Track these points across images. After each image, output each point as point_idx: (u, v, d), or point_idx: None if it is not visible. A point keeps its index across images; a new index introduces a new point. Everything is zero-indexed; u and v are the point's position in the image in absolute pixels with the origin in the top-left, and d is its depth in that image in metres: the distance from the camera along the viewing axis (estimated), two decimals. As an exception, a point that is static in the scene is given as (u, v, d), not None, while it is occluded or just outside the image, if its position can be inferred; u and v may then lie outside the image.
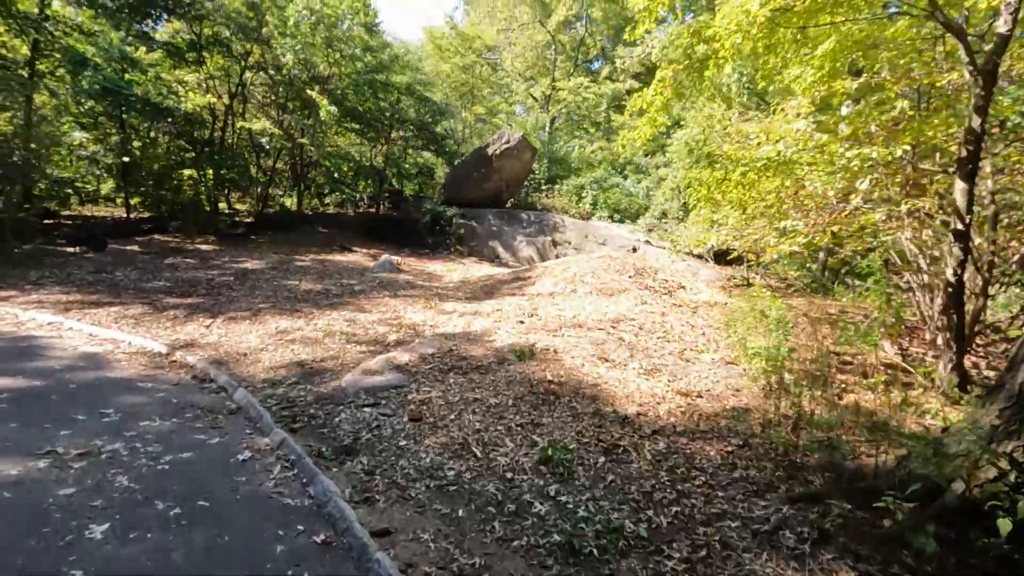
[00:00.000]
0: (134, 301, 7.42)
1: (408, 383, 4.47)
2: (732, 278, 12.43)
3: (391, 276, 11.02)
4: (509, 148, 16.37)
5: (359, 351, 5.54)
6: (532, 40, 29.08)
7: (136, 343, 5.68)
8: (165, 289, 8.34)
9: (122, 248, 11.92)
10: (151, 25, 15.61)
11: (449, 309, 7.51)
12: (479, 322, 6.62)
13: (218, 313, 6.96)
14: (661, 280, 9.48)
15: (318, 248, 14.44)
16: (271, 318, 6.75)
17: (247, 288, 8.78)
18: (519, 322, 6.50)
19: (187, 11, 13.79)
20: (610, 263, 9.84)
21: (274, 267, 10.99)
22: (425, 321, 6.79)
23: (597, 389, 4.31)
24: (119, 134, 15.02)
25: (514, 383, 4.41)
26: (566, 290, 8.45)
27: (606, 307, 7.33)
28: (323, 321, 6.64)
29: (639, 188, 19.44)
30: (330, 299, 8.26)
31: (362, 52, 16.30)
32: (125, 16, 14.31)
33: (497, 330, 6.09)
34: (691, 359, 5.33)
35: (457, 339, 5.77)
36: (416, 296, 8.64)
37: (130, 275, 9.25)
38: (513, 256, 15.02)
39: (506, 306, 7.57)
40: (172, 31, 16.09)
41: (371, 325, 6.55)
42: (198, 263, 10.93)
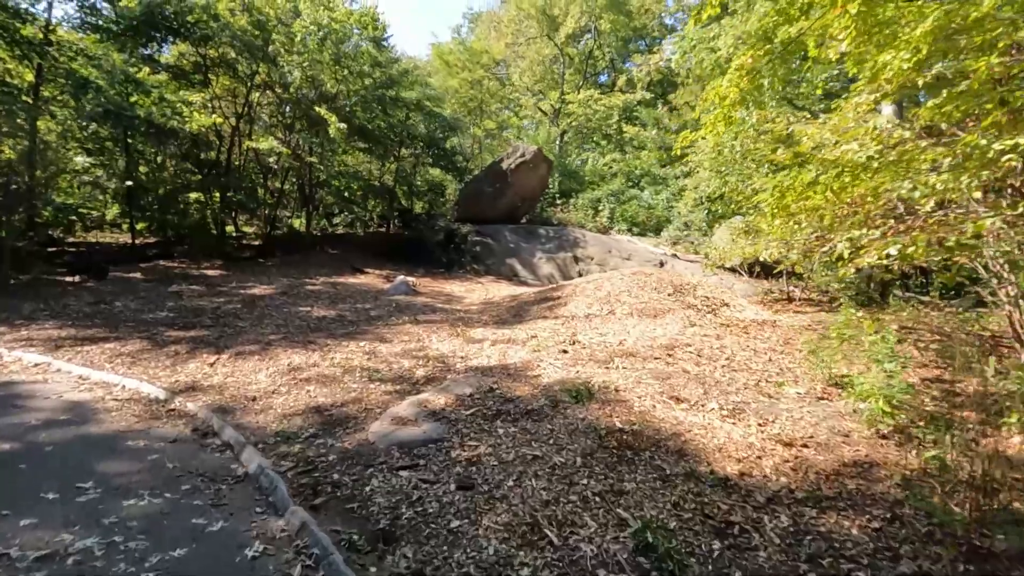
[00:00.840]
0: (132, 335, 6.75)
1: (449, 435, 3.72)
2: (769, 292, 11.67)
3: (408, 299, 10.32)
4: (524, 162, 15.77)
5: (384, 392, 4.80)
6: (539, 54, 28.76)
7: (130, 387, 4.97)
8: (167, 320, 7.68)
9: (125, 276, 11.32)
10: (156, 48, 15.28)
11: (478, 337, 6.78)
12: (516, 352, 5.88)
13: (224, 347, 6.26)
14: (702, 297, 8.73)
15: (329, 270, 13.80)
16: (282, 352, 6.04)
17: (255, 317, 8.10)
18: (561, 352, 5.75)
19: (192, 32, 13.38)
20: (645, 280, 9.11)
21: (284, 292, 10.34)
22: (454, 352, 6.05)
23: (680, 440, 3.55)
24: (123, 158, 14.57)
25: (578, 433, 3.65)
26: (603, 311, 7.71)
27: (653, 331, 6.58)
28: (340, 355, 5.93)
29: (658, 200, 18.76)
30: (346, 327, 7.55)
31: (371, 67, 15.83)
32: (130, 40, 13.95)
33: (539, 363, 5.35)
34: (773, 394, 4.56)
35: (495, 375, 5.02)
36: (438, 322, 7.92)
37: (130, 305, 8.61)
38: (532, 274, 14.32)
39: (541, 332, 6.83)
40: (177, 53, 15.75)
41: (394, 358, 5.82)
42: (204, 290, 10.29)
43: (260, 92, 16.25)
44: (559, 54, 28.04)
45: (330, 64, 15.33)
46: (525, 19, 28.02)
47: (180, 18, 13.57)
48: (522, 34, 28.33)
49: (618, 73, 29.77)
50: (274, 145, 13.06)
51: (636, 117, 25.44)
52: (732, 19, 12.88)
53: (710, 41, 13.71)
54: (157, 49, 15.52)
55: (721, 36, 13.14)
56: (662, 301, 8.07)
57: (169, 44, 15.71)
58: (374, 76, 15.68)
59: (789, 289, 11.30)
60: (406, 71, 16.58)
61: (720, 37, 13.27)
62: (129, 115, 12.39)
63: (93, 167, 16.01)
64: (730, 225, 12.74)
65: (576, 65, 28.75)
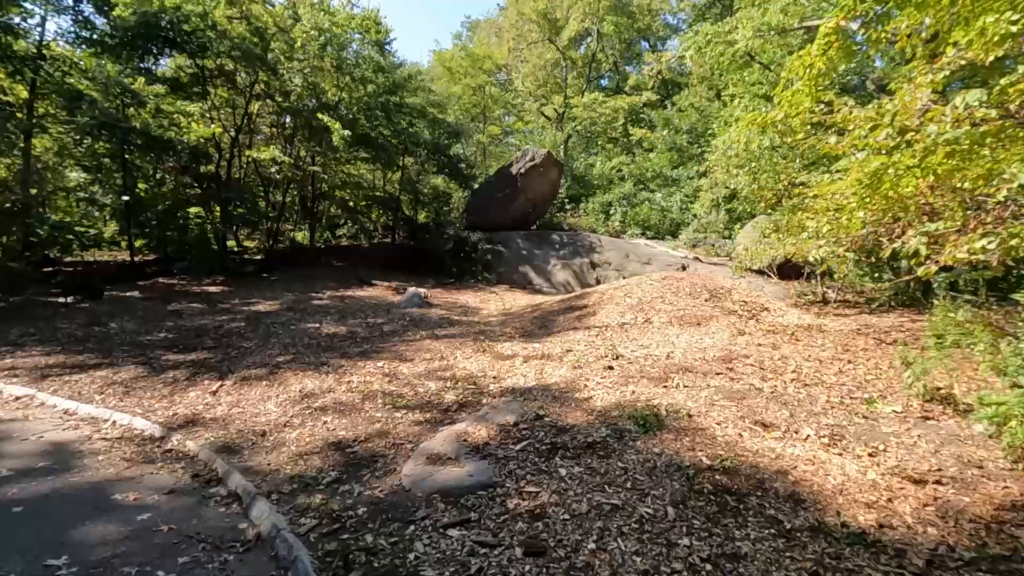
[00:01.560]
0: (127, 360, 6.13)
1: (500, 478, 3.09)
2: (802, 294, 11.04)
3: (422, 312, 9.71)
4: (534, 166, 15.21)
5: (412, 421, 4.17)
6: (541, 59, 28.32)
7: (122, 422, 4.35)
8: (165, 342, 7.06)
9: (122, 295, 10.73)
10: (153, 61, 14.82)
11: (507, 352, 6.15)
12: (554, 370, 5.25)
13: (228, 372, 5.64)
14: (739, 302, 8.12)
15: (335, 283, 13.20)
16: (292, 376, 5.42)
17: (261, 336, 7.49)
18: (607, 368, 5.12)
19: (189, 41, 12.88)
20: (677, 285, 8.50)
21: (290, 308, 9.73)
22: (484, 371, 5.42)
23: (788, 480, 2.92)
24: (121, 173, 14.05)
25: (659, 473, 3.02)
26: (638, 320, 7.08)
27: (700, 341, 5.95)
28: (357, 377, 5.30)
29: (672, 202, 18.17)
30: (359, 345, 6.93)
31: (373, 73, 15.32)
32: (125, 52, 13.48)
33: (585, 382, 4.72)
34: (867, 414, 3.92)
35: (538, 397, 4.39)
36: (459, 336, 7.30)
37: (126, 326, 8.00)
38: (547, 281, 13.71)
39: (576, 345, 6.20)
40: (175, 66, 15.26)
41: (418, 380, 5.20)
42: (205, 307, 9.69)
43: (260, 102, 15.76)
44: (561, 58, 27.61)
45: (331, 71, 14.85)
46: (526, 23, 27.62)
47: (176, 28, 13.07)
48: (523, 39, 27.91)
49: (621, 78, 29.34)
50: (276, 154, 12.53)
51: (642, 119, 24.94)
52: (749, 11, 12.34)
53: (727, 35, 13.17)
54: (154, 62, 15.06)
55: (739, 29, 12.59)
56: (700, 307, 7.45)
57: (166, 56, 15.22)
58: (377, 82, 15.18)
59: (824, 291, 10.67)
60: (410, 76, 16.07)
61: (737, 30, 12.73)
62: (125, 127, 11.88)
63: (89, 183, 15.52)
64: (756, 225, 12.14)
65: (579, 69, 28.31)
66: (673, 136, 20.18)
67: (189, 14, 12.84)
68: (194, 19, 13.01)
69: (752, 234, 12.58)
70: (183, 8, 12.82)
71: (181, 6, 12.90)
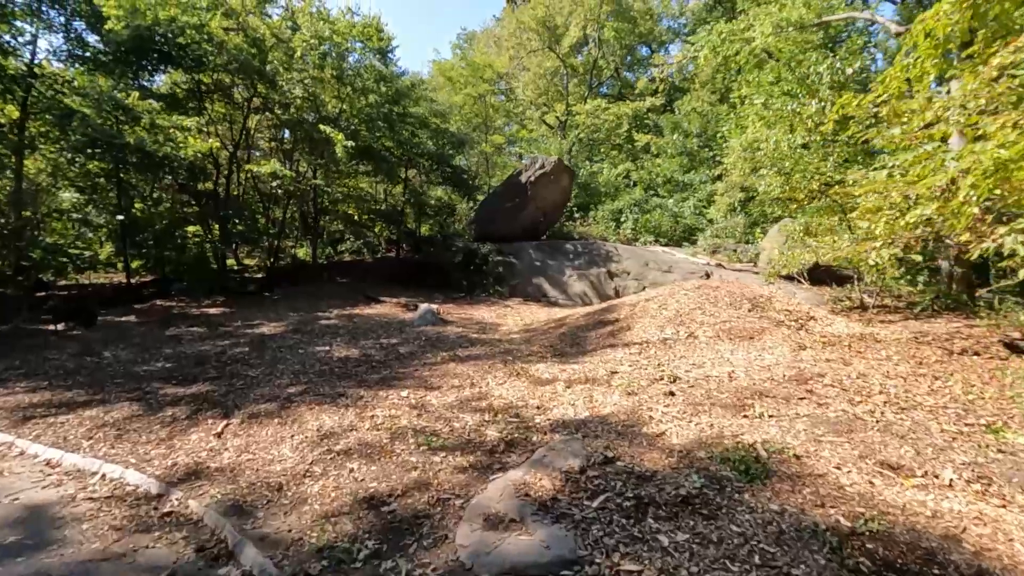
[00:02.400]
0: (120, 396, 5.50)
1: (585, 549, 2.46)
2: (838, 300, 10.45)
3: (438, 330, 9.09)
4: (544, 174, 14.69)
5: (455, 467, 3.54)
6: (541, 67, 27.98)
7: (113, 476, 3.72)
8: (163, 373, 6.43)
9: (117, 320, 10.11)
10: (148, 78, 14.34)
11: (544, 375, 5.52)
12: (604, 396, 4.63)
13: (234, 407, 5.00)
14: (783, 311, 7.52)
15: (341, 301, 12.59)
16: (307, 410, 4.79)
17: (268, 362, 6.86)
18: (667, 394, 4.50)
19: (184, 55, 12.39)
20: (712, 294, 7.90)
21: (296, 329, 9.11)
22: (524, 400, 4.80)
23: (963, 547, 2.30)
24: (115, 191, 13.47)
25: (790, 542, 2.39)
26: (680, 335, 6.47)
27: (760, 358, 5.34)
28: (381, 411, 4.67)
29: (684, 207, 17.63)
30: (377, 370, 6.30)
31: (375, 83, 14.83)
32: (119, 68, 13.00)
33: (647, 412, 4.10)
34: (1001, 447, 3.30)
35: (599, 433, 3.77)
36: (485, 357, 6.68)
37: (121, 355, 7.37)
38: (563, 293, 13.11)
39: (619, 365, 5.59)
40: (170, 82, 14.76)
41: (452, 413, 4.57)
42: (206, 331, 9.07)
43: (259, 115, 15.27)
44: (562, 66, 27.25)
45: (332, 82, 14.35)
46: (525, 32, 27.31)
47: (171, 41, 12.59)
48: (523, 47, 27.58)
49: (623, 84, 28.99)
50: (277, 168, 11.96)
51: (646, 125, 24.52)
52: (767, 7, 11.89)
53: (742, 32, 12.71)
54: (149, 78, 14.57)
55: (755, 26, 12.13)
56: (745, 319, 6.84)
57: (161, 72, 14.73)
58: (379, 91, 14.68)
59: (861, 296, 10.09)
60: (412, 85, 15.57)
61: (753, 27, 12.27)
62: (119, 143, 11.31)
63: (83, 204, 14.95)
64: (783, 228, 11.57)
65: (580, 76, 27.95)
66: (683, 140, 19.70)
67: (184, 26, 12.37)
68: (189, 31, 12.54)
69: (778, 238, 12.02)
70: (178, 20, 12.35)
71: (176, 18, 12.43)
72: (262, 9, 14.16)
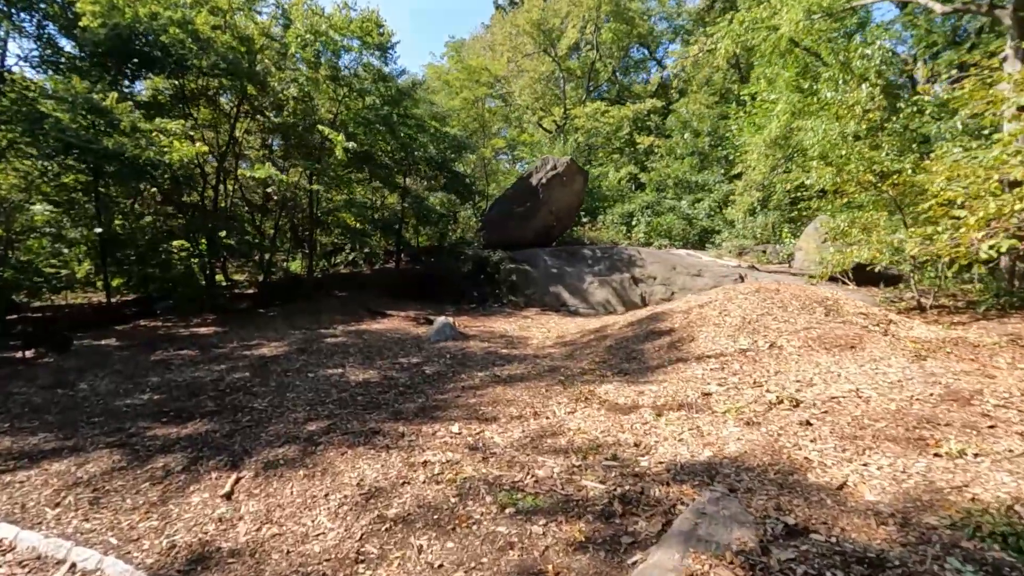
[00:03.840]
0: (99, 442, 4.44)
1: None
2: (891, 300, 9.66)
3: (459, 345, 8.11)
4: (556, 175, 13.83)
5: (567, 541, 2.57)
6: (537, 71, 27.27)
7: (87, 566, 2.69)
8: (151, 408, 5.36)
9: (96, 343, 8.98)
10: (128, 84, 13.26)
11: (620, 400, 4.57)
12: (715, 427, 3.69)
13: (243, 454, 3.98)
14: (859, 315, 6.66)
15: (343, 316, 11.55)
16: (338, 455, 3.78)
17: (275, 390, 5.83)
18: (802, 424, 3.57)
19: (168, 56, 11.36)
20: (776, 297, 7.03)
21: (300, 349, 8.07)
22: (611, 434, 3.84)
23: None
24: (93, 203, 12.32)
25: None
26: (760, 345, 5.57)
27: (878, 371, 4.44)
28: (433, 453, 3.68)
29: (699, 209, 16.86)
30: (408, 396, 5.31)
31: (373, 83, 13.90)
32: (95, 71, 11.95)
33: (795, 450, 3.17)
34: None
35: (748, 483, 2.83)
36: (532, 377, 5.71)
37: (100, 387, 6.28)
38: (583, 302, 12.19)
39: (704, 384, 4.66)
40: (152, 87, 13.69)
41: (525, 454, 3.60)
42: (197, 354, 7.99)
43: (248, 120, 14.24)
44: (558, 69, 26.57)
45: (327, 83, 13.38)
46: (519, 35, 26.61)
47: (152, 41, 11.56)
48: (519, 51, 26.86)
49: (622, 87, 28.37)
50: (272, 173, 10.94)
51: (648, 127, 23.87)
52: (798, -9, 11.17)
53: (765, 21, 12.01)
54: (129, 85, 13.50)
55: (782, 12, 11.43)
56: (826, 324, 5.97)
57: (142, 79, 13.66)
58: (378, 92, 13.74)
59: (919, 296, 9.31)
60: (414, 84, 14.66)
61: (780, 14, 11.57)
62: (96, 148, 10.22)
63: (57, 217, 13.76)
64: (824, 224, 10.77)
65: (578, 79, 27.28)
66: (693, 140, 18.99)
67: (167, 23, 11.35)
68: (172, 29, 11.52)
69: (815, 236, 11.24)
70: (160, 16, 11.34)
71: (158, 14, 11.42)
72: (251, 6, 13.19)
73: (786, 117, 12.36)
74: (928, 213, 7.11)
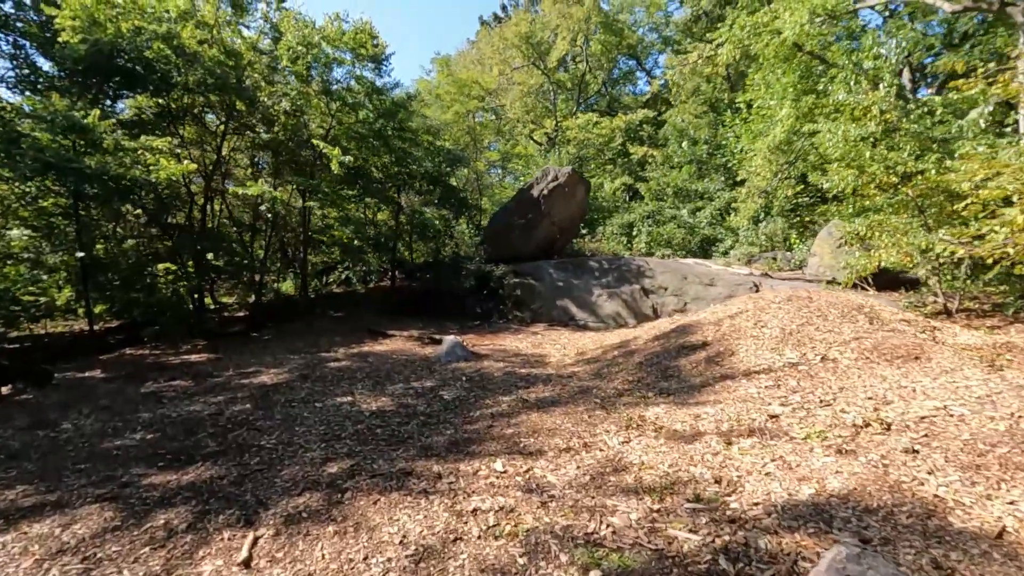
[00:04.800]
0: (86, 494, 3.87)
1: None
2: (915, 305, 9.36)
3: (474, 366, 7.62)
4: (558, 186, 13.48)
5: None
6: (526, 84, 27.14)
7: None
8: (145, 450, 4.79)
9: (79, 376, 8.34)
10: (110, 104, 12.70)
11: (676, 426, 4.11)
12: (802, 457, 3.25)
13: (257, 505, 3.44)
14: (901, 321, 6.34)
15: (342, 338, 11.00)
16: (369, 505, 3.27)
17: (282, 424, 5.29)
18: (907, 451, 3.14)
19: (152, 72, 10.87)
20: (812, 306, 6.67)
21: (303, 375, 7.52)
22: (682, 467, 3.37)
23: None
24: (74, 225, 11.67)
25: None
26: (811, 358, 5.16)
27: (958, 386, 4.04)
28: (481, 499, 3.19)
29: (701, 217, 16.60)
30: (433, 427, 4.80)
31: (366, 97, 13.49)
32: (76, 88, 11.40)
33: (914, 484, 2.74)
34: None
35: (880, 530, 2.38)
36: (564, 400, 5.24)
37: (85, 426, 5.67)
38: (592, 315, 11.76)
39: (765, 404, 4.22)
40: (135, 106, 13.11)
41: (590, 497, 3.11)
42: (192, 385, 7.39)
43: (237, 137, 13.74)
44: (548, 81, 26.46)
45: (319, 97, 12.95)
46: (508, 49, 26.49)
47: (136, 57, 11.05)
48: (508, 64, 26.73)
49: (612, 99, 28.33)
50: (266, 190, 10.42)
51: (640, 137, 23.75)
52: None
53: (766, 25, 11.85)
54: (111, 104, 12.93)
55: (784, 15, 11.27)
56: (875, 334, 5.59)
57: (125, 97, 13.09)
58: (373, 104, 13.33)
59: (945, 300, 9.02)
60: (409, 96, 14.28)
61: (781, 18, 11.41)
62: (76, 168, 9.64)
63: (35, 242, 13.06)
64: (840, 229, 10.50)
65: (568, 91, 27.18)
66: (692, 148, 18.81)
67: (151, 37, 10.87)
68: (156, 43, 11.03)
69: (830, 241, 10.96)
70: (144, 30, 10.85)
71: (141, 28, 10.93)
72: (239, 20, 12.76)
73: (791, 122, 12.15)
74: (964, 213, 6.83)
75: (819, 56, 11.55)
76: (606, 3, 25.12)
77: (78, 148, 10.33)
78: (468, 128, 21.95)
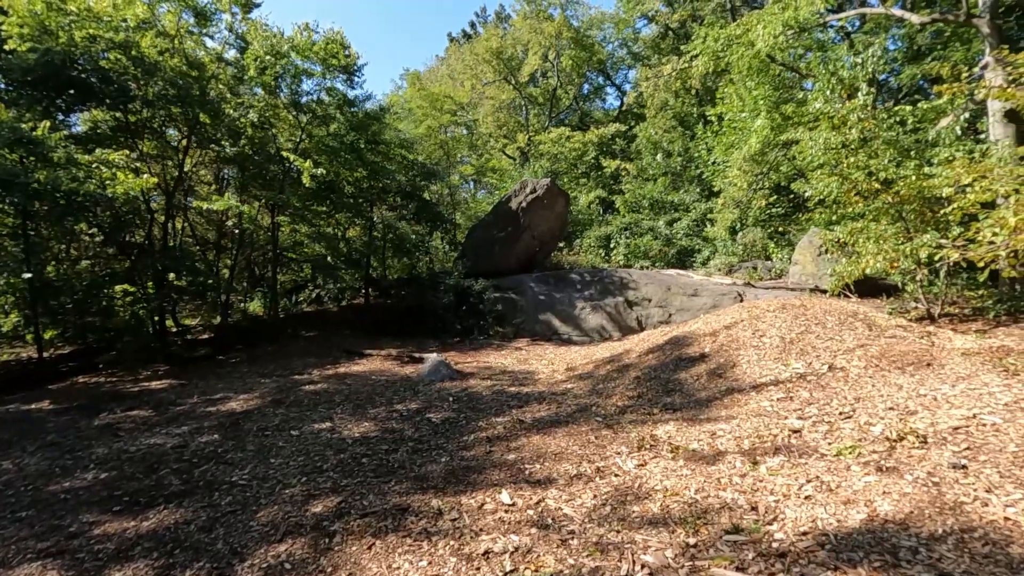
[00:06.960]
0: (27, 549, 3.33)
1: None
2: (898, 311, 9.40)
3: (462, 386, 7.23)
4: (537, 198, 13.28)
5: None
6: (498, 99, 27.13)
7: None
8: (97, 493, 4.24)
9: (25, 408, 7.60)
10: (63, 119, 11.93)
11: (694, 445, 3.82)
12: (839, 477, 2.99)
13: (231, 557, 2.98)
14: (897, 327, 6.26)
15: (316, 359, 10.44)
16: (363, 551, 2.85)
17: (255, 456, 4.80)
18: (954, 467, 2.90)
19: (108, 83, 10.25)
20: (808, 313, 6.55)
21: (276, 401, 7.00)
22: (712, 493, 3.07)
23: None
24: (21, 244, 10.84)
25: None
26: (817, 367, 4.97)
27: (980, 393, 3.87)
28: (492, 538, 2.81)
29: (678, 228, 16.63)
30: (425, 455, 4.40)
31: (337, 109, 13.09)
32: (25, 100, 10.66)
33: (972, 508, 2.49)
34: None
35: (970, 569, 2.12)
36: (564, 420, 4.91)
37: (29, 466, 5.06)
38: (576, 329, 11.50)
39: (780, 419, 3.98)
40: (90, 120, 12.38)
41: (616, 532, 2.78)
42: (152, 414, 6.78)
43: (201, 151, 13.12)
44: (519, 96, 26.49)
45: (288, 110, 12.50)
46: (480, 64, 26.46)
47: (92, 65, 10.43)
48: (479, 79, 26.68)
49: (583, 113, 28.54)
50: (233, 204, 9.87)
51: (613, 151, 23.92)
52: (772, 7, 11.20)
53: (740, 38, 12.00)
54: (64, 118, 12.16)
55: (757, 29, 11.41)
56: (878, 340, 5.46)
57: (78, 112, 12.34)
58: (345, 117, 12.94)
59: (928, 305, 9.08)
60: (383, 108, 13.93)
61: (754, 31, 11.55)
62: (23, 182, 8.92)
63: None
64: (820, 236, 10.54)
65: (540, 106, 27.26)
66: (666, 160, 18.94)
67: (107, 45, 10.28)
68: (113, 52, 10.45)
69: (811, 249, 11.01)
70: (100, 39, 10.25)
71: (97, 36, 10.33)
72: (202, 31, 12.23)
73: (765, 132, 12.26)
74: (950, 217, 6.85)
75: (793, 68, 11.72)
76: (576, 20, 25.38)
77: (26, 163, 9.61)
78: (441, 143, 21.68)
